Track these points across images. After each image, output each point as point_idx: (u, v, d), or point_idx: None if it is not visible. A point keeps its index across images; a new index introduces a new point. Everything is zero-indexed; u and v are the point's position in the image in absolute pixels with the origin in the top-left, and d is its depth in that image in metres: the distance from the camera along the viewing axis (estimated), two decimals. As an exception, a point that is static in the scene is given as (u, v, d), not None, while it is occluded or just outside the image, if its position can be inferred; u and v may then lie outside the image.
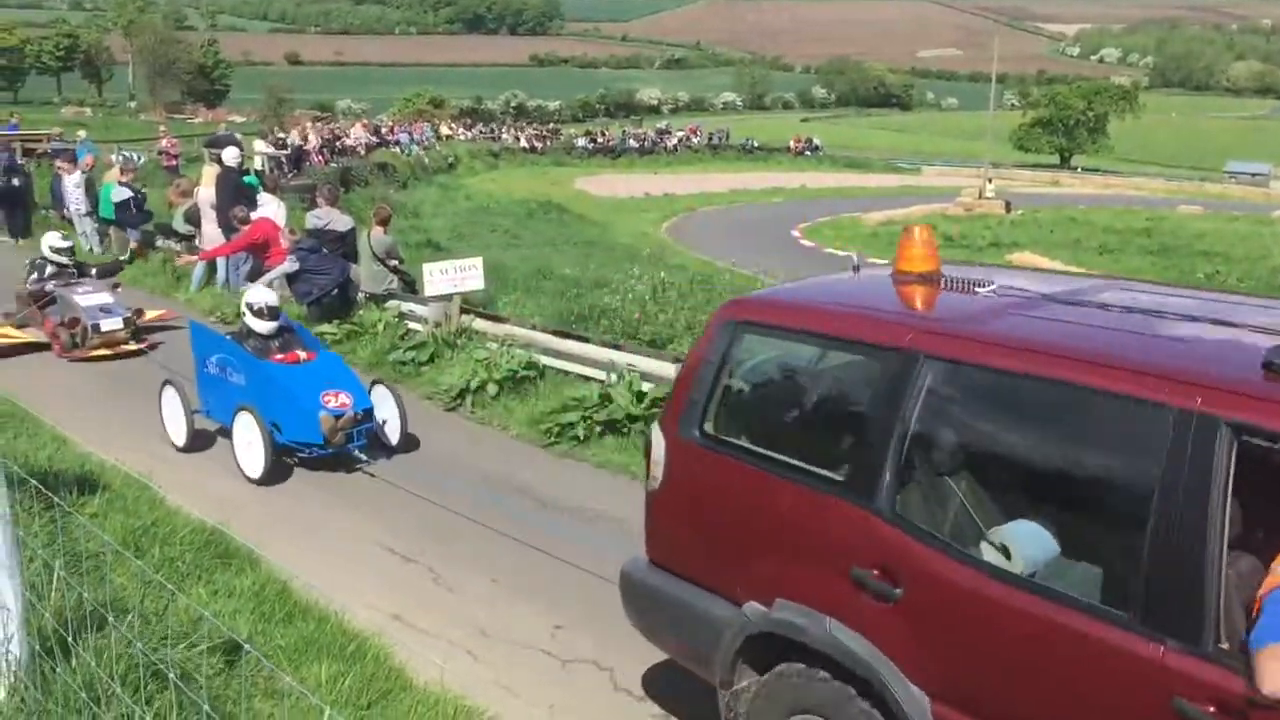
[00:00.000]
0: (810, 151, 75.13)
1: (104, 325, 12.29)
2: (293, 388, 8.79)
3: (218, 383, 9.31)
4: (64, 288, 12.70)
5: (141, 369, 11.83)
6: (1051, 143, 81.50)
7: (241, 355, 9.14)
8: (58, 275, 13.03)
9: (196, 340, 9.74)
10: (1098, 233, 35.32)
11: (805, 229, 37.60)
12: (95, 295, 12.64)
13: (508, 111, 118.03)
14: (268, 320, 9.39)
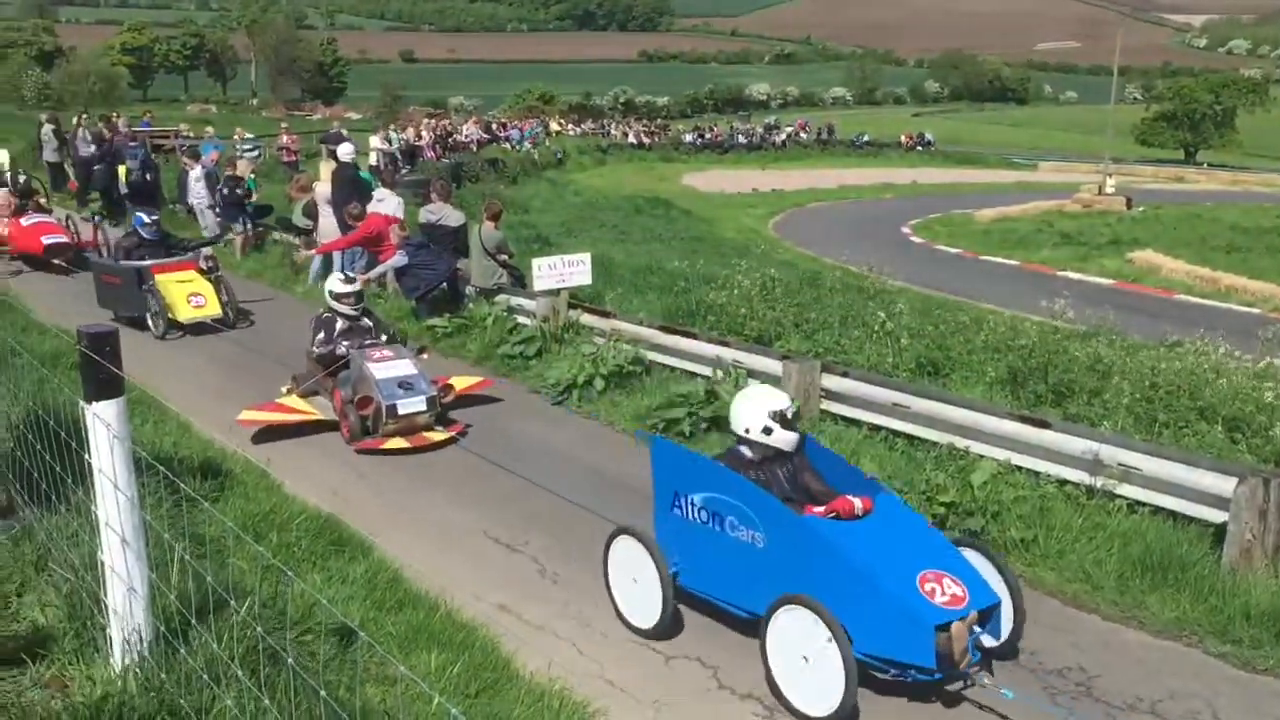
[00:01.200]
0: (922, 147, 73.93)
1: (402, 407, 9.38)
2: (873, 569, 5.38)
3: (706, 538, 6.04)
4: (358, 350, 9.84)
5: (263, 352, 12.19)
6: (1176, 137, 78.88)
7: (757, 499, 5.77)
8: (349, 333, 10.09)
9: (664, 464, 6.40)
10: (1224, 230, 34.01)
11: (916, 226, 36.98)
12: (394, 365, 9.67)
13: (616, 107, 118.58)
14: None
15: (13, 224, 17.67)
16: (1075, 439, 8.02)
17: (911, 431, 9.13)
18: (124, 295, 13.64)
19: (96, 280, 14.16)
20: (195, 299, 13.42)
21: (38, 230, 17.37)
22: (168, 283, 13.46)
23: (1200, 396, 9.15)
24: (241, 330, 13.73)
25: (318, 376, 9.90)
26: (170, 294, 13.34)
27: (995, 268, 28.46)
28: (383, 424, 9.32)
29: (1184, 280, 26.11)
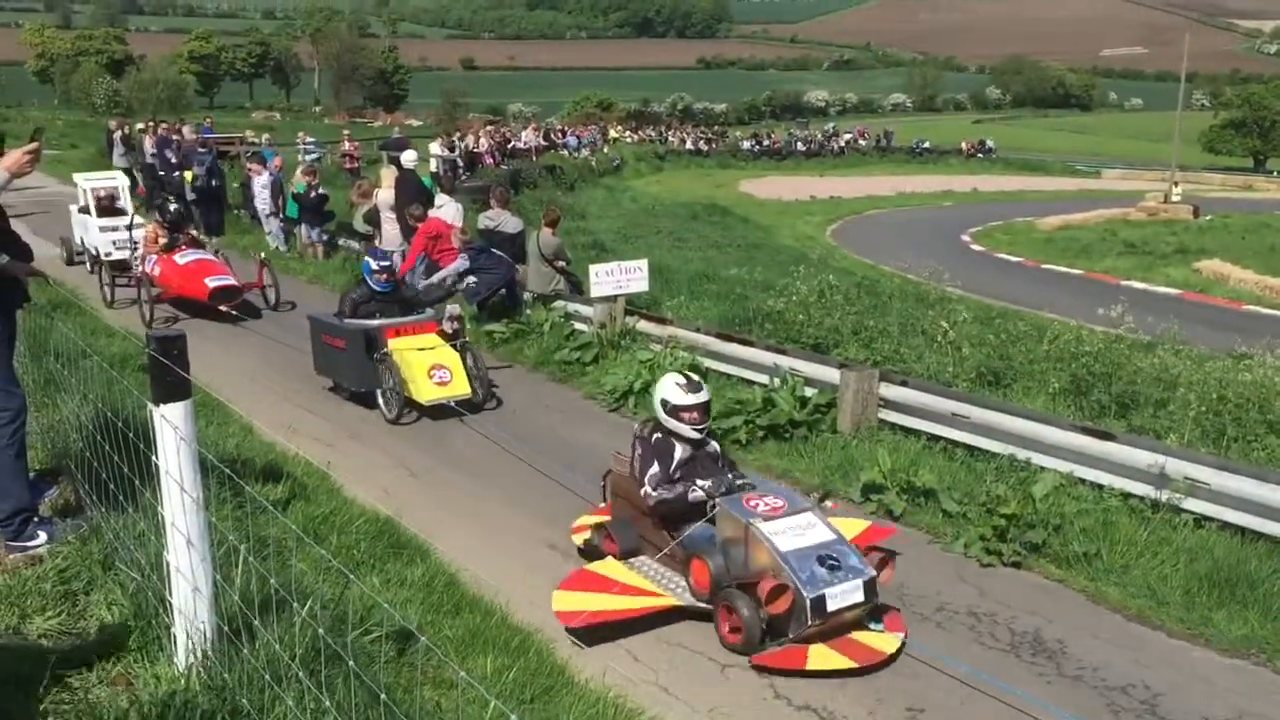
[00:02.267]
0: (983, 154, 73.15)
1: (833, 599, 5.97)
2: None
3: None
4: (728, 497, 6.65)
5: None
6: (1245, 144, 77.40)
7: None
8: (693, 464, 6.94)
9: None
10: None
11: (976, 233, 36.61)
12: (797, 523, 6.36)
13: (674, 114, 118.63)
14: None
15: (164, 262, 14.31)
16: (1140, 451, 7.88)
17: (971, 442, 9.03)
18: (349, 363, 10.65)
19: (315, 341, 11.24)
20: (438, 373, 10.35)
21: (199, 270, 14.12)
22: (405, 350, 10.50)
23: (1270, 410, 8.97)
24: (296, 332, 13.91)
25: (643, 529, 6.94)
26: (408, 366, 10.35)
27: (1057, 276, 28.09)
28: (805, 624, 5.97)
29: (1253, 290, 25.60)
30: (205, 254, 14.73)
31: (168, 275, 14.19)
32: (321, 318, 11.22)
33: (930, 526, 8.00)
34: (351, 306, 10.90)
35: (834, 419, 9.80)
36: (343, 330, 10.71)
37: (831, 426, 9.76)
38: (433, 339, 10.75)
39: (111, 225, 16.42)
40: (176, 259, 14.28)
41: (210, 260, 14.53)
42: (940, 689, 5.58)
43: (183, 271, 14.12)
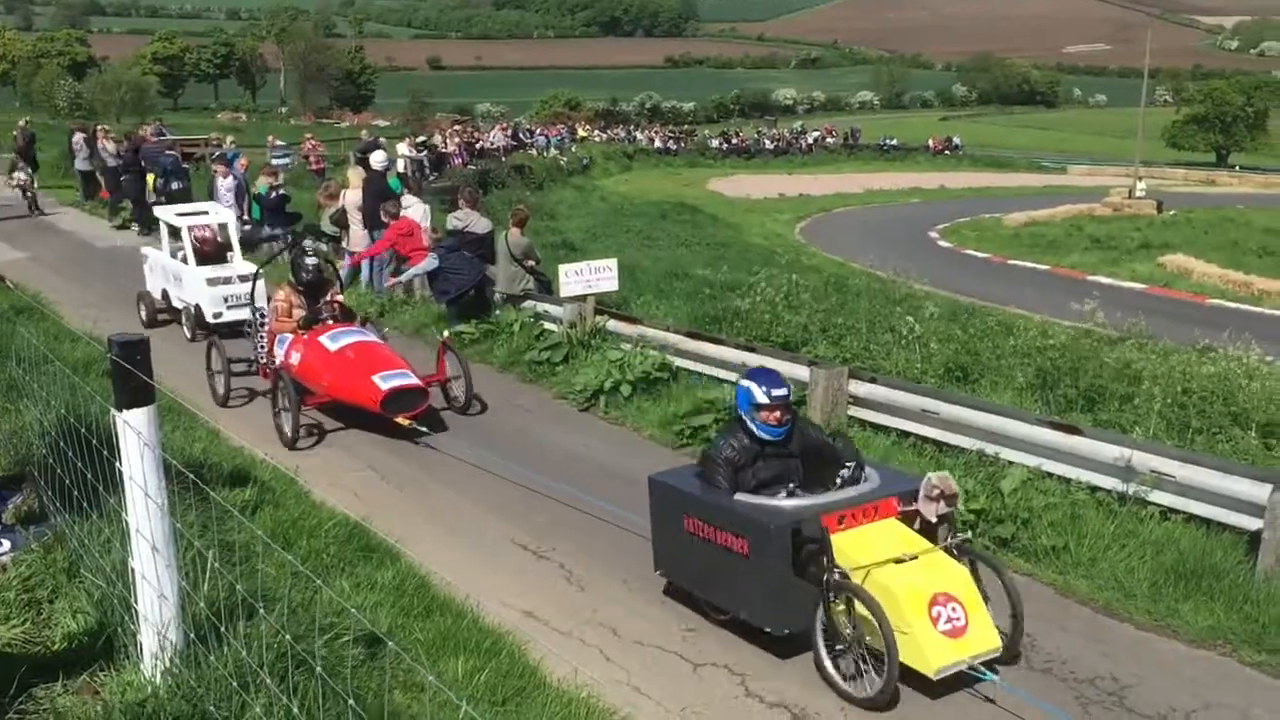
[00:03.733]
0: (950, 151, 73.69)
1: None
2: None
3: None
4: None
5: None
6: (1207, 140, 78.32)
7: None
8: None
9: None
10: (1257, 234, 33.69)
11: (944, 230, 36.85)
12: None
13: (642, 113, 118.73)
14: None
15: (307, 346, 9.88)
16: (1107, 445, 7.94)
17: (940, 438, 9.07)
18: (758, 578, 5.88)
19: (665, 522, 6.58)
20: (945, 608, 5.53)
21: (363, 363, 9.60)
22: (862, 547, 5.79)
23: (1234, 402, 9.05)
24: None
25: None
26: (889, 594, 5.51)
27: (1024, 272, 28.30)
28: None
29: (1216, 284, 25.89)
30: (367, 333, 10.14)
31: (313, 367, 9.71)
32: (680, 483, 6.46)
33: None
34: (731, 468, 6.16)
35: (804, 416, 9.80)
36: (738, 515, 5.95)
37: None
38: (904, 533, 5.97)
39: (220, 276, 13.20)
40: (325, 342, 9.79)
41: (375, 344, 9.96)
42: (911, 681, 5.61)
43: (337, 364, 9.60)
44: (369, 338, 10.02)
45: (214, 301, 12.99)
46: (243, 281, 12.41)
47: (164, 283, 14.07)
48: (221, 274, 13.27)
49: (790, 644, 6.12)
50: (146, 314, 14.01)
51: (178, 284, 13.65)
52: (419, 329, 13.97)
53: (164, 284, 14.08)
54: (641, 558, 7.29)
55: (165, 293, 14.05)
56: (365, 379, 9.41)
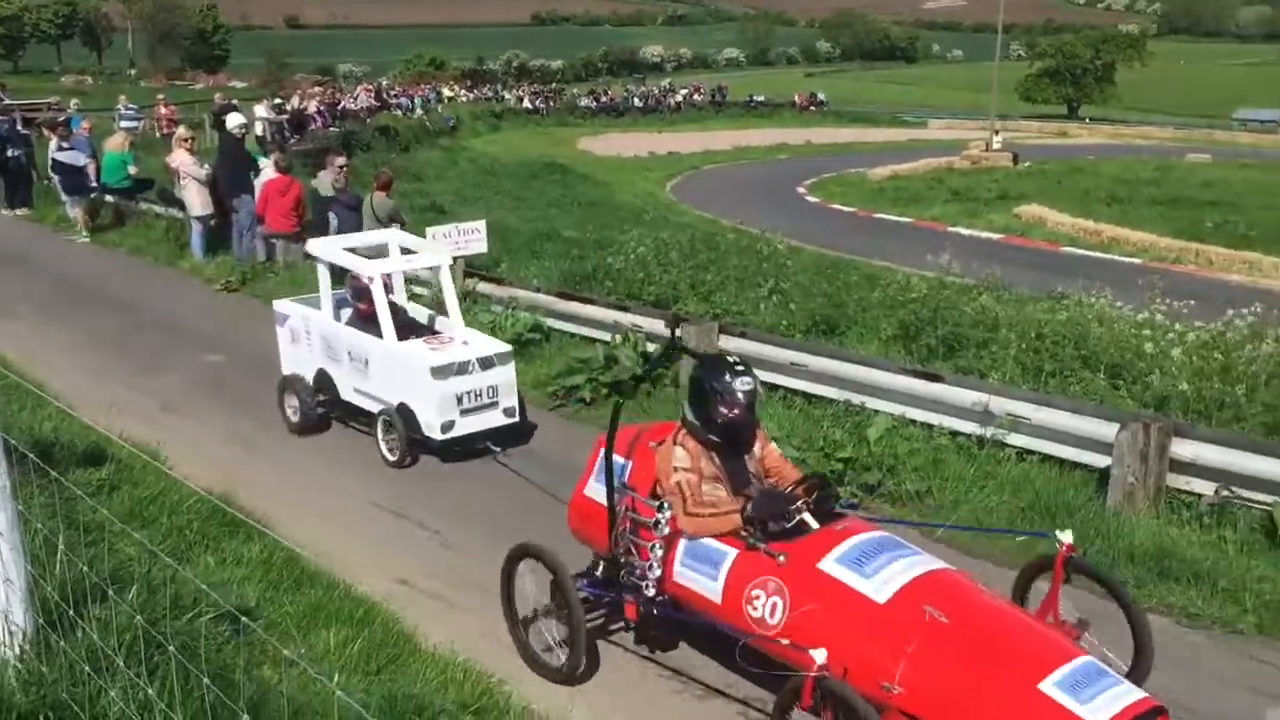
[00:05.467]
0: (815, 107, 74.67)
1: None
2: None
3: None
4: None
5: (147, 326, 11.82)
6: (1059, 93, 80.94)
7: None
8: None
9: None
10: (1106, 183, 35.05)
11: (811, 185, 37.37)
12: None
13: (510, 72, 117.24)
14: None
15: (790, 579, 4.66)
16: (966, 391, 8.21)
17: (809, 390, 9.25)
18: None
19: None
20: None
21: (998, 644, 4.29)
22: None
23: (1084, 346, 9.42)
24: (123, 303, 13.29)
25: None
26: None
27: (889, 225, 28.91)
28: None
29: (1069, 233, 26.86)
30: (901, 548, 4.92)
31: (827, 635, 4.38)
32: None
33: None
34: None
35: (675, 373, 9.89)
36: None
37: (674, 380, 9.85)
38: None
39: (452, 360, 8.27)
40: (843, 573, 4.65)
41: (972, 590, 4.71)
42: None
43: (925, 639, 4.33)
44: (934, 564, 4.78)
45: (444, 404, 8.12)
46: (486, 367, 8.35)
47: (327, 362, 8.98)
48: (452, 356, 8.25)
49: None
50: (300, 414, 8.98)
51: (362, 370, 8.63)
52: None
53: (328, 364, 8.98)
54: (514, 517, 7.28)
55: (326, 376, 9.01)
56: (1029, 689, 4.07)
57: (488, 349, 8.55)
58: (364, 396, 8.71)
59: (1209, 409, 8.17)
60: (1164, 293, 10.18)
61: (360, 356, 8.63)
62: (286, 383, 9.23)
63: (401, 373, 8.31)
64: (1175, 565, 6.45)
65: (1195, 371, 8.77)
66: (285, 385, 9.22)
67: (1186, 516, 6.97)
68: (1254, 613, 6.01)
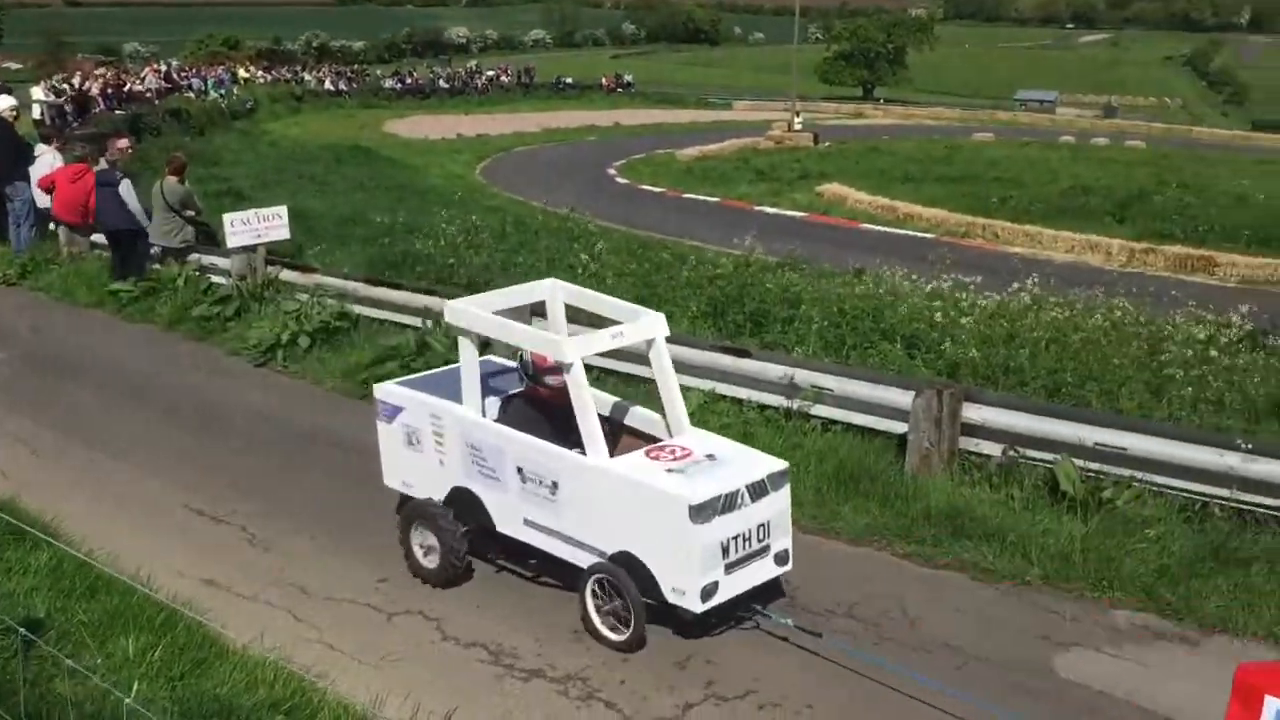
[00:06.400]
0: (623, 89, 75.07)
1: None
2: None
3: None
4: None
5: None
6: (854, 75, 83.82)
7: None
8: None
9: None
10: (901, 162, 36.52)
11: (621, 167, 37.60)
12: None
13: (309, 52, 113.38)
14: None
15: None
16: (772, 365, 8.45)
17: (623, 369, 9.32)
18: None
19: None
20: None
21: None
22: None
23: (882, 319, 9.83)
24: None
25: None
26: None
27: (697, 205, 29.38)
28: None
29: (867, 210, 27.89)
30: None
31: None
32: None
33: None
34: None
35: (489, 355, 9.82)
36: None
37: (488, 365, 9.78)
38: None
39: (719, 492, 5.47)
40: None
41: None
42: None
43: None
44: None
45: (708, 560, 5.45)
46: (758, 497, 5.64)
47: (475, 479, 6.17)
48: (716, 485, 5.51)
49: (486, 587, 6.19)
50: (442, 559, 6.18)
51: (544, 496, 5.86)
52: (67, 292, 12.86)
53: (476, 483, 6.17)
54: (332, 513, 7.12)
55: (471, 499, 6.17)
56: None
57: (756, 468, 5.79)
58: (546, 535, 5.91)
59: (996, 374, 8.65)
60: (954, 265, 10.72)
61: (542, 476, 5.83)
62: (415, 512, 6.37)
63: (630, 508, 5.57)
64: (968, 524, 6.81)
65: (983, 339, 9.28)
66: (413, 516, 6.37)
67: (977, 477, 7.36)
68: (1040, 565, 6.40)
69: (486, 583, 6.25)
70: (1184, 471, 6.72)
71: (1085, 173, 32.26)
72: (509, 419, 6.13)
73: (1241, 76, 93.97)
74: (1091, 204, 26.88)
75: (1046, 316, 9.63)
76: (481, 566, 6.33)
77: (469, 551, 6.19)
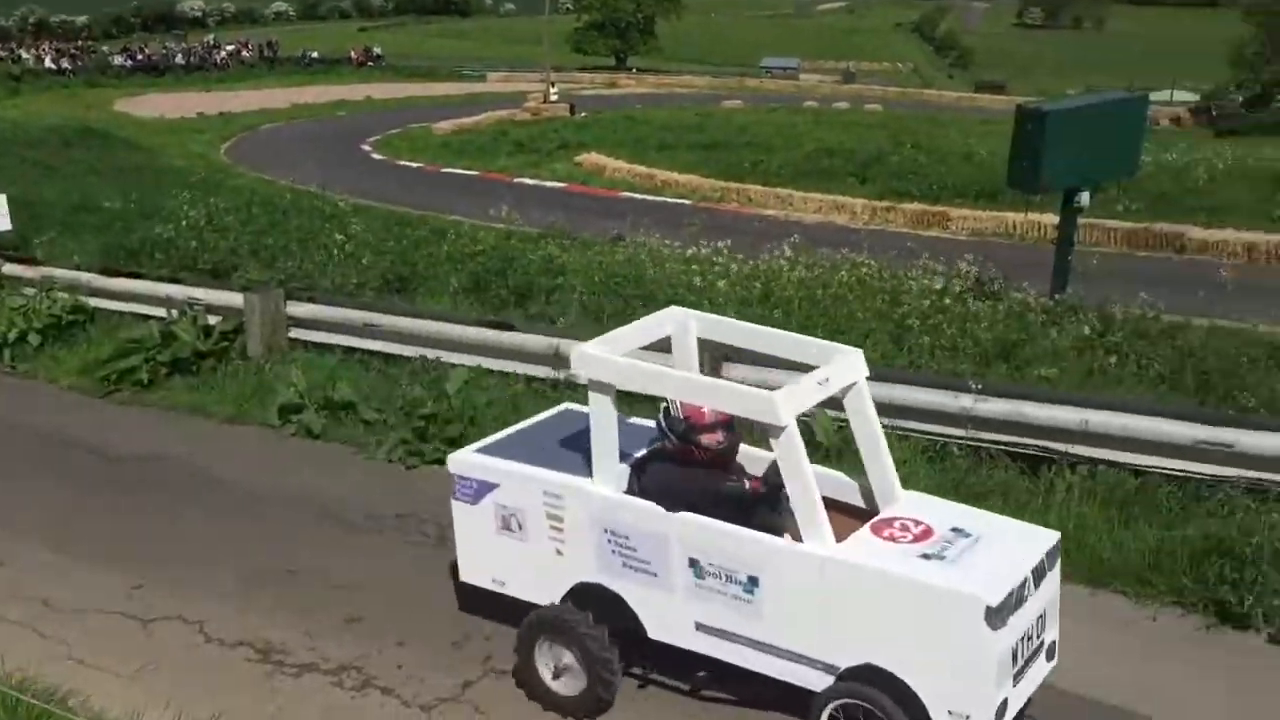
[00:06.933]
0: (372, 62, 73.19)
1: None
2: None
3: None
4: None
5: None
6: (606, 44, 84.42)
7: None
8: None
9: None
10: (656, 130, 37.01)
11: (376, 142, 36.63)
12: None
13: (26, 29, 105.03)
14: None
15: None
16: (537, 337, 8.47)
17: (386, 350, 9.15)
18: None
19: None
20: None
21: None
22: None
23: (642, 285, 9.99)
24: None
25: None
26: None
27: (457, 179, 28.97)
28: None
29: (626, 178, 28.21)
30: None
31: None
32: None
33: (352, 439, 8.05)
34: None
35: (243, 345, 9.43)
36: None
37: (241, 353, 9.40)
38: None
39: (1013, 592, 4.32)
40: None
41: None
42: (372, 591, 5.66)
43: None
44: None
45: (1002, 672, 4.30)
46: (1039, 581, 4.53)
47: (617, 574, 4.92)
48: (1006, 575, 4.36)
49: (251, 587, 5.96)
50: (595, 680, 4.85)
51: (735, 596, 4.64)
52: None
53: (618, 578, 4.92)
54: (76, 520, 6.69)
55: (610, 599, 4.93)
56: None
57: (1031, 546, 4.63)
58: (731, 644, 4.70)
59: (752, 334, 8.93)
60: (711, 229, 11.00)
61: (732, 570, 4.61)
62: (543, 625, 4.98)
63: (883, 611, 4.39)
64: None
65: (740, 300, 9.58)
66: (539, 630, 4.98)
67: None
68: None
69: (249, 580, 6.02)
70: (925, 415, 7.15)
71: (828, 136, 33.57)
72: (655, 492, 4.81)
73: (965, 41, 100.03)
74: (835, 166, 28.00)
75: (797, 275, 10.02)
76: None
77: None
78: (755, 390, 4.70)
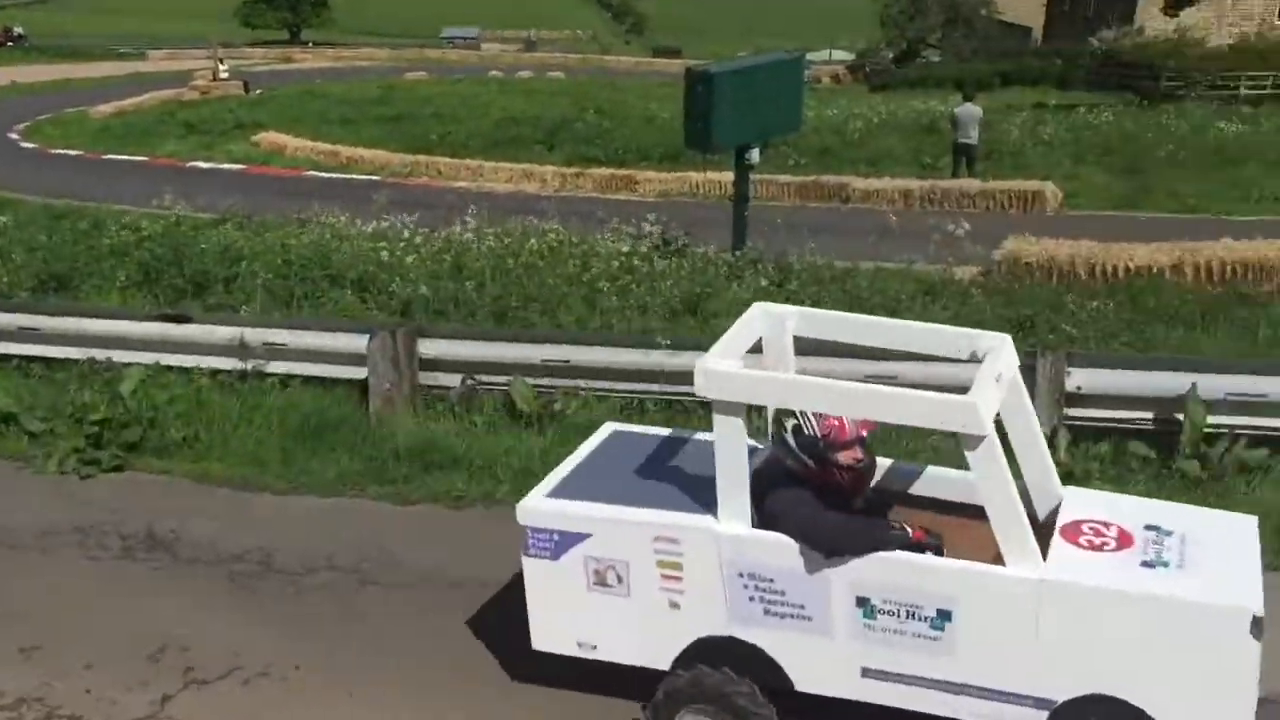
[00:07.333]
0: (13, 43, 67.12)
1: None
2: None
3: None
4: None
5: None
6: (278, 18, 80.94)
7: None
8: None
9: None
10: (336, 105, 35.88)
11: (25, 129, 33.57)
12: None
13: None
14: None
15: None
16: (219, 328, 8.09)
17: (48, 354, 8.46)
18: None
19: None
20: None
21: None
22: None
23: (329, 265, 9.71)
24: None
25: None
26: None
27: (120, 166, 26.98)
28: None
29: (309, 156, 27.21)
30: None
31: None
32: None
33: (16, 452, 7.42)
34: None
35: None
36: None
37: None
38: None
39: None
40: None
41: None
42: (50, 615, 5.25)
43: None
44: None
45: (1253, 689, 3.96)
46: None
47: (758, 624, 4.32)
48: (1254, 577, 4.04)
49: None
50: None
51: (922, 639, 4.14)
52: None
53: (757, 629, 4.33)
54: None
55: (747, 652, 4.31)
56: None
57: (1240, 532, 4.34)
58: (910, 688, 4.21)
59: (446, 308, 8.89)
60: (402, 204, 10.80)
61: (916, 604, 4.11)
62: (688, 693, 4.28)
63: (1121, 634, 3.95)
64: (438, 457, 6.99)
65: (431, 275, 9.49)
66: (682, 699, 4.29)
67: (441, 410, 7.56)
68: (507, 482, 6.71)
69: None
70: (620, 374, 7.35)
71: (514, 105, 33.67)
72: (796, 533, 4.15)
73: (640, 7, 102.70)
74: (523, 134, 28.14)
75: (487, 246, 10.02)
76: None
77: None
78: (948, 396, 4.06)
